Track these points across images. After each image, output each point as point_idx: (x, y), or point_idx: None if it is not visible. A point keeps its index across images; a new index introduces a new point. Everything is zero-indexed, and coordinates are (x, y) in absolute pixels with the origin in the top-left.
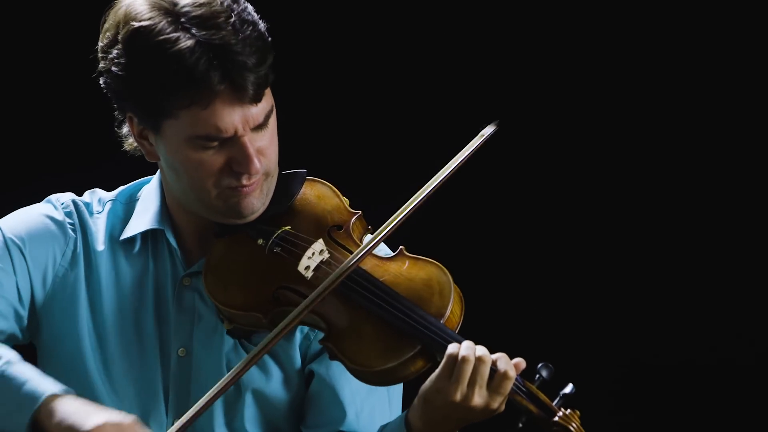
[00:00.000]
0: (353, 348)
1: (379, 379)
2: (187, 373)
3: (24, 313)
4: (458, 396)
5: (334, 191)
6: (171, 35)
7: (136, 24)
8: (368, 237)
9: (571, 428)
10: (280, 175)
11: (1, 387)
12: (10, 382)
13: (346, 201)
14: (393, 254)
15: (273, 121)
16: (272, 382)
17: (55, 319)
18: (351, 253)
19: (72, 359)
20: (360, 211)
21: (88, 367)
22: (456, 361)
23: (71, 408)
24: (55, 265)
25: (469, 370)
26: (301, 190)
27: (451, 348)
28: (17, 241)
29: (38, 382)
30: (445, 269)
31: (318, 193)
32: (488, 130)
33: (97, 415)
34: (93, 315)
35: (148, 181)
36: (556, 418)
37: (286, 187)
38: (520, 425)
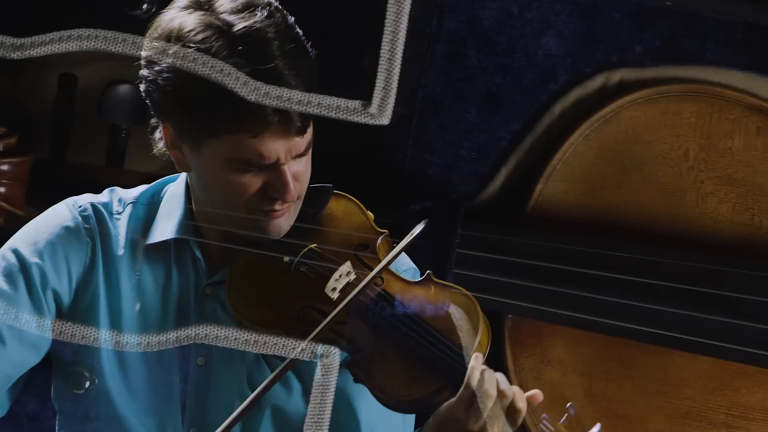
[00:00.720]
0: (379, 375)
1: (404, 407)
2: (206, 383)
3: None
4: (474, 427)
5: (359, 207)
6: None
7: (192, 45)
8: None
9: None
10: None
11: None
12: None
13: (371, 216)
14: (420, 278)
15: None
16: (292, 396)
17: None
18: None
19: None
20: (386, 231)
21: (105, 374)
22: (476, 395)
23: None
24: (77, 275)
25: (489, 405)
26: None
27: (472, 379)
28: (36, 259)
29: None
30: (473, 298)
31: (344, 209)
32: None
33: None
34: (111, 321)
35: (171, 180)
36: None
37: (313, 202)
38: None
